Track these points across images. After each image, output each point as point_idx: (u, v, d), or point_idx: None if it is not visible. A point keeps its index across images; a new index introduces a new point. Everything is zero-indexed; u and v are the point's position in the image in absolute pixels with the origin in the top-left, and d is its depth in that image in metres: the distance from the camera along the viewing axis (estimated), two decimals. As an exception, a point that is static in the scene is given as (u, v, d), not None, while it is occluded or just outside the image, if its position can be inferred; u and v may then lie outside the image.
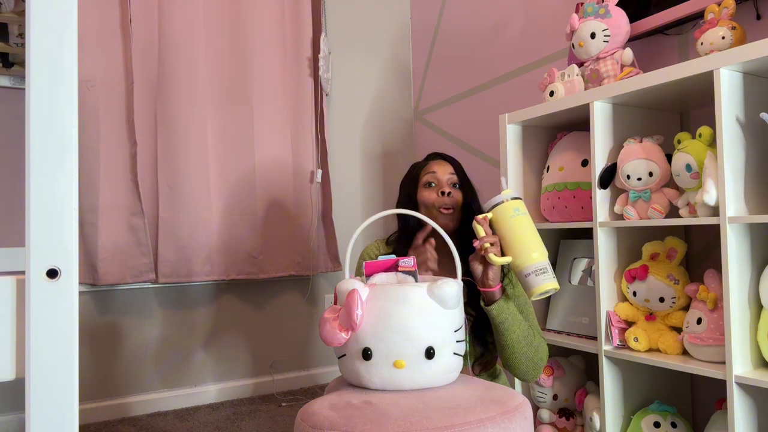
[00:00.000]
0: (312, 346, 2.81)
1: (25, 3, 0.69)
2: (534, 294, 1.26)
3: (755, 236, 1.32)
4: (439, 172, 1.50)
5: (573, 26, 1.74)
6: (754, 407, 1.30)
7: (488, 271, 1.29)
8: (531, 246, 1.26)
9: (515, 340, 1.32)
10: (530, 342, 1.35)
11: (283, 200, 2.64)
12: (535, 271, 1.25)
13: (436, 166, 1.52)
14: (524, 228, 1.28)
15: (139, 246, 2.33)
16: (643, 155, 1.50)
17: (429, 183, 1.50)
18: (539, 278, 1.25)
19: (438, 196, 1.47)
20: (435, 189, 1.49)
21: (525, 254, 1.26)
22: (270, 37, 2.64)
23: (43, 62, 0.61)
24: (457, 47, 2.77)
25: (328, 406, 1.03)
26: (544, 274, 1.25)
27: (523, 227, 1.28)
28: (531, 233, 1.28)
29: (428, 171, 1.51)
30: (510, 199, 1.29)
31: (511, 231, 1.27)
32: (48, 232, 0.61)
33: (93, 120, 2.28)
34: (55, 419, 0.61)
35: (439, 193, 1.47)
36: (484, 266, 1.30)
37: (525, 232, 1.27)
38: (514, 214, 1.28)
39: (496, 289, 1.31)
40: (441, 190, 1.47)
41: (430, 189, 1.49)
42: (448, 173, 1.50)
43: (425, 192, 1.50)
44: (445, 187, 1.48)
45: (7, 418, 2.18)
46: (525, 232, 1.27)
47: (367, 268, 1.17)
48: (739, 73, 1.31)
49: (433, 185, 1.49)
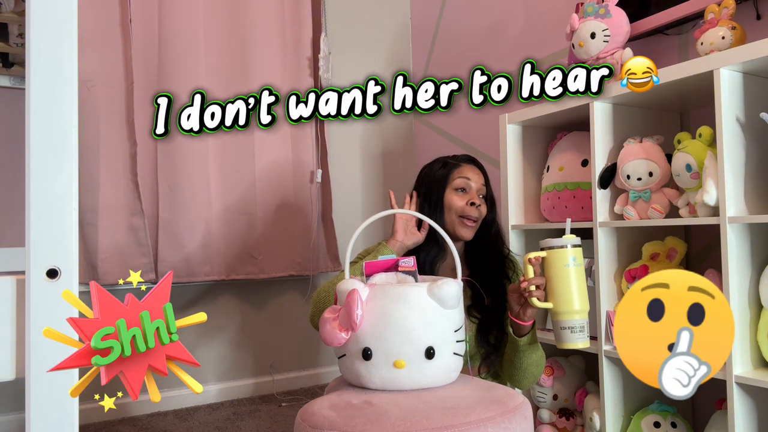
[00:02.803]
0: (312, 346, 2.81)
1: (25, 3, 0.69)
2: (562, 347, 1.23)
3: (755, 236, 1.32)
4: (473, 179, 1.43)
5: (573, 26, 1.74)
6: (754, 407, 1.30)
7: (527, 310, 1.25)
8: (576, 301, 1.20)
9: (529, 364, 1.32)
10: (540, 363, 1.35)
11: (283, 200, 2.64)
12: (572, 328, 1.21)
13: (471, 172, 1.45)
14: (576, 281, 1.21)
15: (139, 246, 2.33)
16: (643, 155, 1.50)
17: (461, 188, 1.43)
18: (574, 335, 1.21)
19: (467, 205, 1.41)
20: (466, 196, 1.42)
21: (568, 307, 1.20)
22: (270, 37, 2.64)
23: (43, 62, 0.61)
24: (457, 47, 2.77)
25: (328, 406, 1.03)
26: (580, 333, 1.21)
27: (575, 280, 1.21)
28: (581, 288, 1.21)
29: (462, 175, 1.44)
30: (571, 247, 1.22)
31: (561, 280, 1.21)
32: (48, 232, 0.61)
33: (93, 120, 2.28)
34: (55, 419, 0.61)
35: (469, 203, 1.41)
36: (523, 305, 1.25)
37: (575, 286, 1.21)
38: (570, 263, 1.21)
39: (529, 324, 1.28)
40: (471, 201, 1.41)
41: (461, 195, 1.42)
42: (480, 183, 1.44)
43: (455, 196, 1.42)
44: (476, 199, 1.42)
45: (7, 418, 2.18)
46: (575, 285, 1.21)
47: (367, 268, 1.17)
48: (739, 73, 1.31)
49: (464, 192, 1.43)
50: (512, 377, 1.38)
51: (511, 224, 1.88)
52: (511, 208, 1.89)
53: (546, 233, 1.94)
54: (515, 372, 1.35)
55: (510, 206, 1.88)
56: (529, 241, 1.91)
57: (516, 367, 1.34)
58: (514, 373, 1.36)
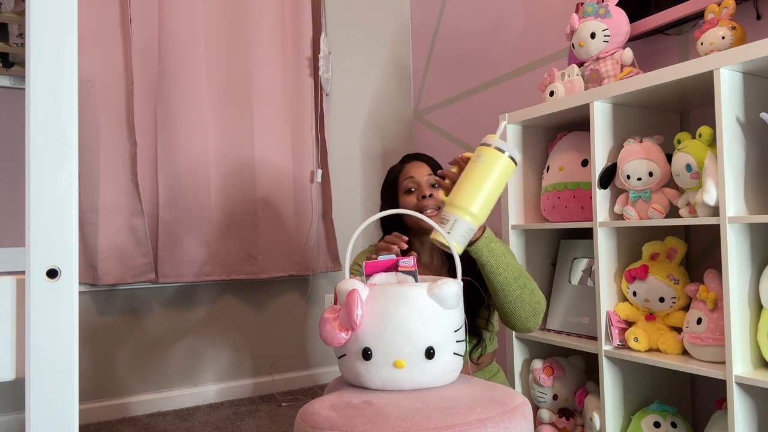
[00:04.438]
0: (312, 346, 2.81)
1: (25, 3, 0.69)
2: (432, 237, 1.18)
3: (755, 236, 1.32)
4: (416, 175, 1.50)
5: (573, 26, 1.74)
6: (754, 407, 1.30)
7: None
8: (461, 195, 1.15)
9: (504, 282, 1.30)
10: (523, 285, 1.32)
11: (283, 200, 2.64)
12: (445, 219, 1.16)
13: (413, 169, 1.52)
14: (473, 178, 1.14)
15: (139, 246, 2.33)
16: (643, 155, 1.50)
17: (409, 189, 1.50)
18: (442, 227, 1.15)
19: (419, 200, 1.47)
20: (416, 194, 1.49)
21: (451, 198, 1.16)
22: (270, 37, 2.64)
23: (43, 62, 0.61)
24: (457, 47, 2.77)
25: (328, 406, 1.03)
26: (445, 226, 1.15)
27: (474, 176, 1.14)
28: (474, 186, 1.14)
29: (406, 176, 1.52)
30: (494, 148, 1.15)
31: (466, 172, 1.16)
32: (48, 232, 0.61)
33: (93, 120, 2.28)
34: (55, 419, 0.61)
35: (420, 198, 1.46)
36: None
37: (470, 180, 1.14)
38: (480, 160, 1.15)
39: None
40: (421, 194, 1.47)
41: (410, 195, 1.50)
42: (426, 174, 1.50)
43: (406, 198, 1.50)
44: (426, 190, 1.47)
45: (7, 418, 2.18)
46: (471, 180, 1.14)
47: (367, 268, 1.17)
48: (739, 73, 1.31)
49: (413, 190, 1.49)
50: (504, 311, 1.36)
51: (511, 224, 1.88)
52: (511, 208, 1.89)
53: (546, 233, 1.94)
54: (499, 299, 1.33)
55: (510, 206, 1.88)
56: (529, 241, 1.91)
57: (496, 291, 1.32)
58: (500, 301, 1.34)
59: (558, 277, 1.90)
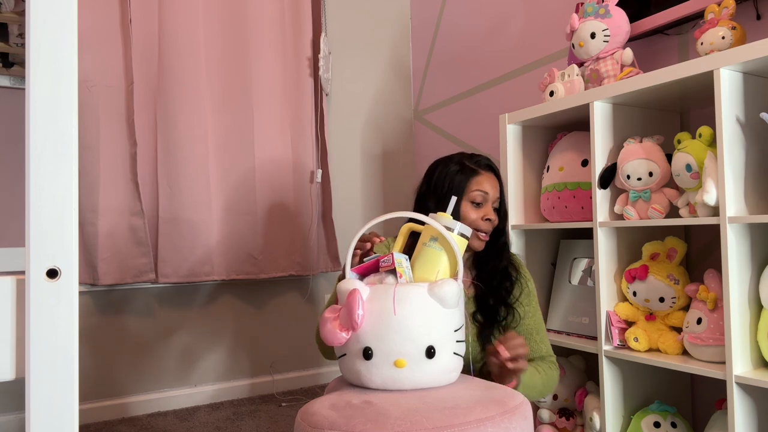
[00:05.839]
0: (312, 346, 2.80)
1: (25, 3, 0.69)
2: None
3: (755, 236, 1.32)
4: (490, 192, 1.41)
5: (573, 26, 1.74)
6: (754, 407, 1.30)
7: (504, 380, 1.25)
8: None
9: (532, 397, 1.31)
10: (543, 392, 1.37)
11: (283, 200, 2.64)
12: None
13: (488, 184, 1.41)
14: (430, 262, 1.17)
15: (139, 246, 2.33)
16: (643, 155, 1.50)
17: (477, 202, 1.39)
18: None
19: (482, 220, 1.39)
20: (481, 211, 1.39)
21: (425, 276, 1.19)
22: (270, 37, 2.64)
23: (43, 62, 0.61)
24: (457, 47, 2.77)
25: (328, 406, 1.03)
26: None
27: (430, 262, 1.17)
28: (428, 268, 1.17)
29: (480, 188, 1.40)
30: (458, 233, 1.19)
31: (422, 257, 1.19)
32: (48, 232, 0.61)
33: (93, 120, 2.28)
34: (55, 419, 0.61)
35: (484, 219, 1.39)
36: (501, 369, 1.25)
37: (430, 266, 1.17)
38: (430, 243, 1.18)
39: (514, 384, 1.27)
40: (486, 217, 1.39)
41: (476, 209, 1.39)
42: (496, 196, 1.42)
43: (471, 209, 1.39)
44: (491, 214, 1.40)
45: (7, 418, 2.18)
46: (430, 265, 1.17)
47: (357, 272, 1.17)
48: (739, 73, 1.31)
49: (480, 206, 1.40)
50: None
51: (511, 224, 1.88)
52: (511, 208, 1.89)
53: (546, 233, 1.94)
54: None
55: (510, 206, 1.88)
56: (529, 241, 1.91)
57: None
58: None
59: (558, 277, 1.90)
